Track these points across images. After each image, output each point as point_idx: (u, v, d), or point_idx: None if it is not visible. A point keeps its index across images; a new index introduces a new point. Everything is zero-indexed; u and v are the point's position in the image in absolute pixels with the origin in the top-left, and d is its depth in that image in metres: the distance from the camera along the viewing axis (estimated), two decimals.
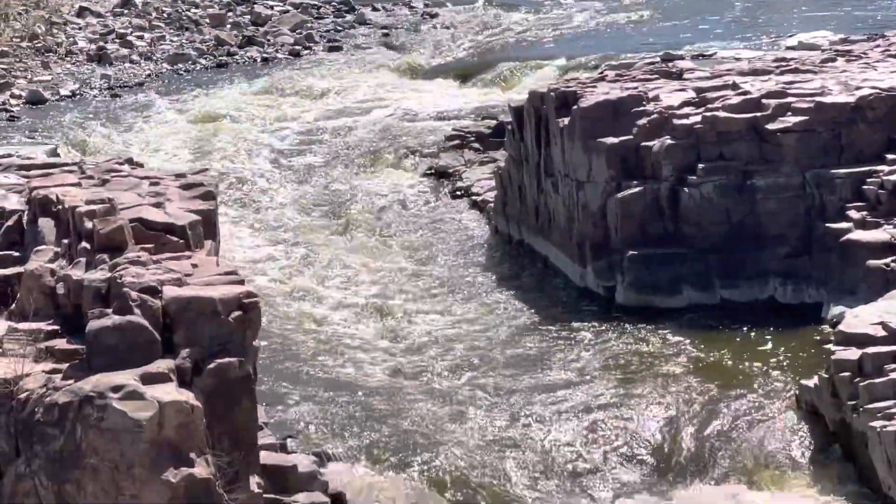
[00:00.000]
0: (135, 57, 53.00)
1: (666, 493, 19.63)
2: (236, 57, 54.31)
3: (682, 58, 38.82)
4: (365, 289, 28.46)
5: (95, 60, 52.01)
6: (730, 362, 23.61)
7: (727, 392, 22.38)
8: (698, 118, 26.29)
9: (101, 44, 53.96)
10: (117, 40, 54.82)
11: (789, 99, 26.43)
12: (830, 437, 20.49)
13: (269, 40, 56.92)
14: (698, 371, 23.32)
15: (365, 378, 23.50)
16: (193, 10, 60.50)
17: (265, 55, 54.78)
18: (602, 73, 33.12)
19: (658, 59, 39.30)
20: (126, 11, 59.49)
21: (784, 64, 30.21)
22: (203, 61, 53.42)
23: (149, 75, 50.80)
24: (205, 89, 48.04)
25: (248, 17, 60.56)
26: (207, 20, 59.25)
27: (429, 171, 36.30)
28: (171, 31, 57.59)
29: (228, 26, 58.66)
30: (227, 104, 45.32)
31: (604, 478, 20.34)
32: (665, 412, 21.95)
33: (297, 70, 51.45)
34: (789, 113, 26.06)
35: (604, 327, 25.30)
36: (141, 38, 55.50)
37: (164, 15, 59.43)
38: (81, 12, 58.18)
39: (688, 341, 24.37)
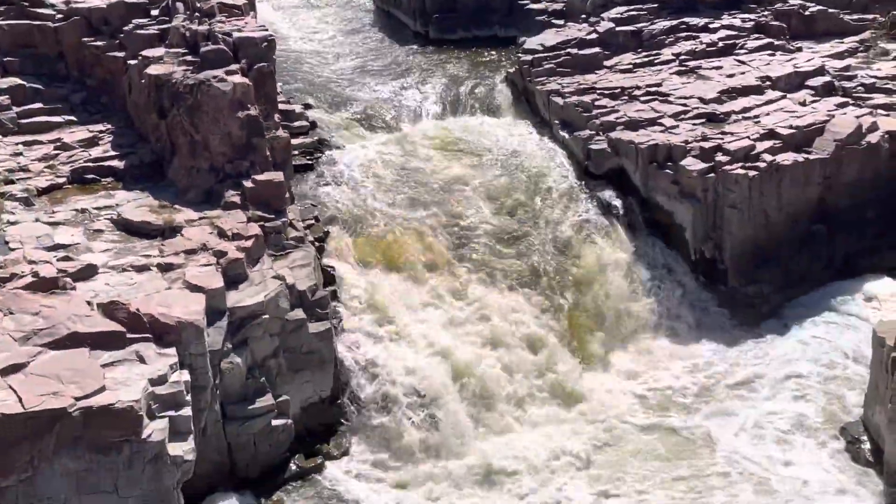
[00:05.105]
0: None
1: (444, 117, 39.38)
2: None
3: None
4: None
5: None
6: (478, 63, 43.77)
7: (474, 72, 42.26)
8: None
9: None
10: None
11: None
12: (520, 93, 40.65)
13: None
14: (458, 64, 43.46)
15: (331, 70, 42.98)
16: None
17: None
18: None
19: None
20: None
21: None
22: None
23: None
24: None
25: None
26: None
27: None
28: None
29: None
30: None
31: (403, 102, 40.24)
32: (444, 78, 41.67)
33: None
34: None
35: (423, 50, 45.43)
36: None
37: None
38: None
39: (455, 53, 44.63)
